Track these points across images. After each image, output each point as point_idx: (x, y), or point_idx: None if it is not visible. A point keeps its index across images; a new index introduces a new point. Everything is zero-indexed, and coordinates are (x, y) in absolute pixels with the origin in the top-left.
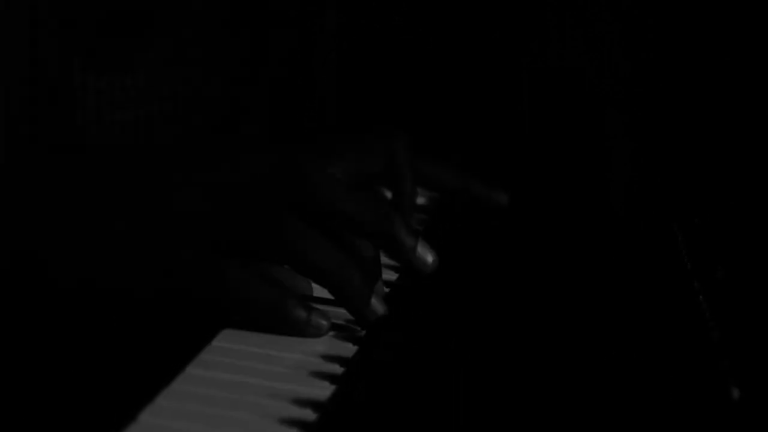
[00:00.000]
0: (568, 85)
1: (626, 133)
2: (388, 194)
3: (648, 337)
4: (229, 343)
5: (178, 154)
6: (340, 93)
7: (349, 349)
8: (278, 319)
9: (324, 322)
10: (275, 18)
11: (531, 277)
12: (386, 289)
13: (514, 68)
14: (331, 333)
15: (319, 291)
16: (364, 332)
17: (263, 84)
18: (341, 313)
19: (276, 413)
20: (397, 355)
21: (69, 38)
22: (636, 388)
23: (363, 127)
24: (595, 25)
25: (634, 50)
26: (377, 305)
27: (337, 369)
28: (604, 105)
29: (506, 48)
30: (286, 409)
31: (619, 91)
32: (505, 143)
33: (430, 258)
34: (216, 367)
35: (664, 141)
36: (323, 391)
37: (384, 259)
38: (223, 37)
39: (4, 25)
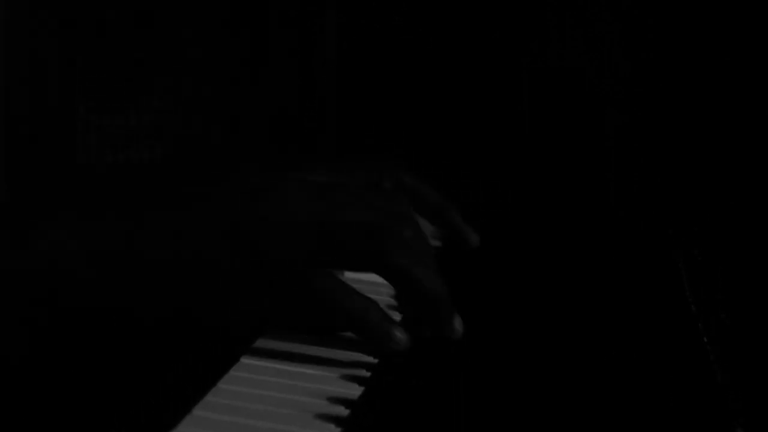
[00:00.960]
0: (568, 85)
1: (626, 133)
2: None
3: (653, 380)
4: (233, 386)
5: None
6: (340, 93)
7: (355, 390)
8: (362, 327)
9: (403, 337)
10: (275, 18)
11: (536, 302)
12: None
13: (514, 68)
14: (337, 374)
15: None
16: (369, 373)
17: (263, 84)
18: (347, 354)
19: None
20: (403, 397)
21: (71, 44)
22: (641, 430)
23: (361, 156)
24: (595, 25)
25: (634, 50)
26: (401, 336)
27: (342, 411)
28: (604, 105)
29: (506, 48)
30: None
31: (619, 91)
32: (505, 143)
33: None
34: (219, 410)
35: (664, 141)
36: None
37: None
38: (223, 37)
39: (6, 42)
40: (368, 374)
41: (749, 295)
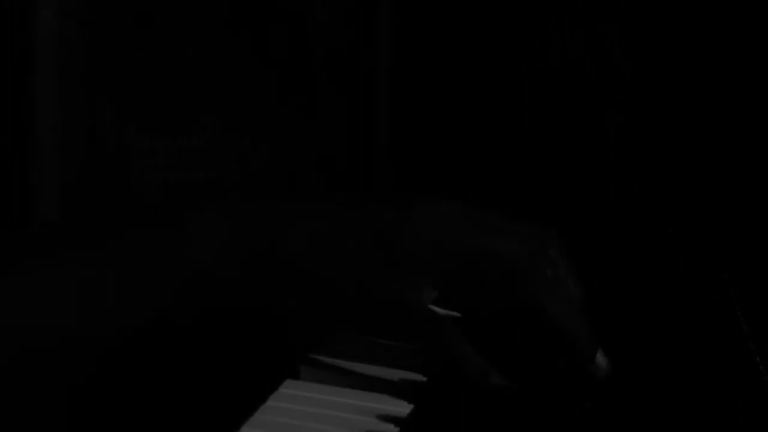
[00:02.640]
0: (568, 85)
1: (626, 133)
2: None
3: (706, 403)
4: (282, 403)
5: None
6: (340, 92)
7: (404, 408)
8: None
9: None
10: (274, 16)
11: None
12: None
13: (514, 68)
14: (386, 392)
15: None
16: (418, 391)
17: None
18: (396, 372)
19: None
20: (452, 414)
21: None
22: None
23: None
24: (595, 25)
25: (634, 50)
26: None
27: (392, 429)
28: (604, 105)
29: (506, 48)
30: None
31: (619, 91)
32: (504, 143)
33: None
34: (268, 427)
35: (664, 141)
36: None
37: None
38: (223, 36)
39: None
40: (417, 392)
41: (749, 295)
